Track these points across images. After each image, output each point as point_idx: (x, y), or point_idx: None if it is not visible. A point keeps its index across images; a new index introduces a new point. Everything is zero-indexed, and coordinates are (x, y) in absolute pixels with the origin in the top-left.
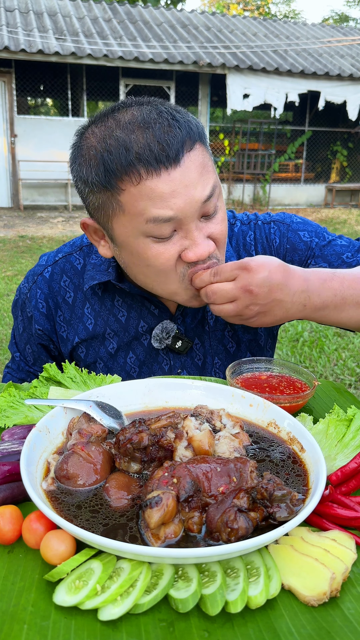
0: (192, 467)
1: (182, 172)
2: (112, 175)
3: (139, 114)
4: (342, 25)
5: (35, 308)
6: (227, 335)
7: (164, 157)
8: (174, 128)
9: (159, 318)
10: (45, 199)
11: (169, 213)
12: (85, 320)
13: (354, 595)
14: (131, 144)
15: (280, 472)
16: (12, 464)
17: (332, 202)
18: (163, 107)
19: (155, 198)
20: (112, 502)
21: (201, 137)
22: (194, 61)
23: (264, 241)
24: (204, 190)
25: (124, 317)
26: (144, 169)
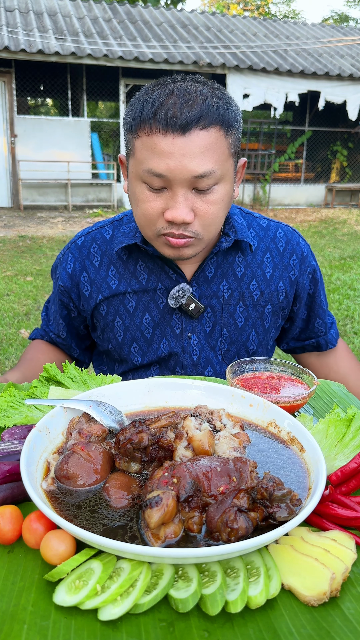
0: (192, 467)
1: (184, 141)
2: (136, 121)
3: (183, 86)
4: (342, 25)
5: (64, 269)
6: (238, 311)
7: (173, 123)
8: (197, 105)
9: (175, 282)
10: (45, 199)
11: (160, 169)
12: (109, 280)
13: (354, 595)
14: (156, 103)
15: (280, 472)
16: (12, 464)
17: (332, 202)
18: (209, 89)
19: (155, 152)
20: (112, 502)
21: (225, 125)
22: (194, 61)
23: (294, 245)
24: (198, 166)
25: (144, 279)
26: (155, 125)
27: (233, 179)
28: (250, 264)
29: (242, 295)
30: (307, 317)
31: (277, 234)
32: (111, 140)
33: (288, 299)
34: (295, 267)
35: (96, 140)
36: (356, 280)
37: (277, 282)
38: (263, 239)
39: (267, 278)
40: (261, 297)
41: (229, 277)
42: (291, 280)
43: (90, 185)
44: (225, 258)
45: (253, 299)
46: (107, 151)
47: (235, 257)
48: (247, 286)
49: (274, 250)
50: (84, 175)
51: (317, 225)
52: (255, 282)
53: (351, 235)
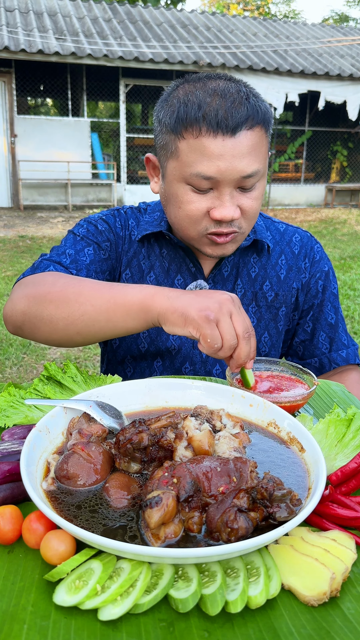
0: (192, 467)
1: (234, 142)
2: (181, 122)
3: (223, 86)
4: (342, 25)
5: (112, 223)
6: (250, 311)
7: (224, 124)
8: (243, 106)
9: (194, 276)
10: (45, 199)
11: (210, 172)
12: (140, 257)
13: (354, 595)
14: (204, 105)
15: (280, 472)
16: (12, 464)
17: (332, 202)
18: (243, 87)
19: (204, 155)
20: (112, 502)
21: (265, 123)
22: (194, 61)
23: (308, 249)
24: (247, 166)
25: (166, 265)
26: (205, 127)
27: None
28: (265, 266)
29: (255, 295)
30: (312, 329)
31: (294, 238)
32: (111, 140)
33: (298, 302)
34: (307, 270)
35: (96, 140)
36: (356, 280)
37: (291, 283)
38: (279, 242)
39: (281, 279)
40: (276, 299)
41: (243, 276)
42: (302, 284)
43: (90, 185)
44: (242, 258)
45: (267, 300)
46: (107, 151)
47: (251, 258)
48: (261, 287)
49: (288, 253)
50: (84, 175)
51: (317, 225)
52: (268, 283)
53: (351, 235)
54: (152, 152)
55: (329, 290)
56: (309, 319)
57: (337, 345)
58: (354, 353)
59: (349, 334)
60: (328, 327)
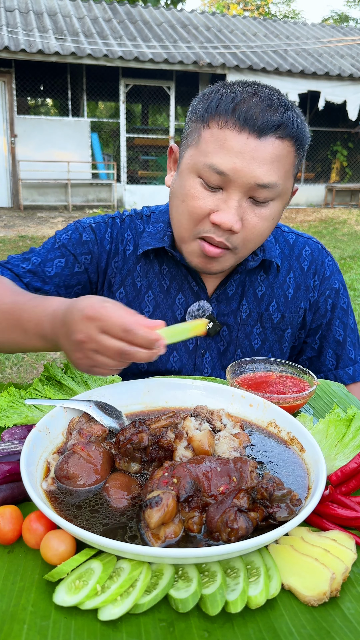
0: (192, 467)
1: (257, 144)
2: (209, 111)
3: (266, 91)
4: (342, 25)
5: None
6: (255, 332)
7: (251, 122)
8: (279, 113)
9: (196, 295)
10: (45, 199)
11: (224, 167)
12: (135, 275)
13: (354, 595)
14: (238, 98)
15: (280, 472)
16: (12, 464)
17: (332, 202)
18: (286, 99)
19: (223, 147)
20: (112, 502)
21: (298, 142)
22: (194, 61)
23: (318, 264)
24: (265, 174)
25: (166, 284)
26: (232, 120)
27: (287, 201)
28: (272, 284)
29: (261, 316)
30: (319, 347)
31: (303, 252)
32: (111, 140)
33: (305, 321)
34: (316, 288)
35: (96, 140)
36: (356, 280)
37: (298, 303)
38: (288, 257)
39: (289, 299)
40: (282, 321)
41: (249, 296)
42: (310, 303)
43: (90, 185)
44: (248, 276)
45: (272, 321)
46: (107, 151)
47: (258, 276)
48: (267, 307)
49: (297, 270)
50: (84, 175)
51: (317, 225)
52: (275, 304)
53: (351, 235)
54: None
55: (338, 307)
56: (317, 338)
57: (343, 362)
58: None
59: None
60: (335, 344)
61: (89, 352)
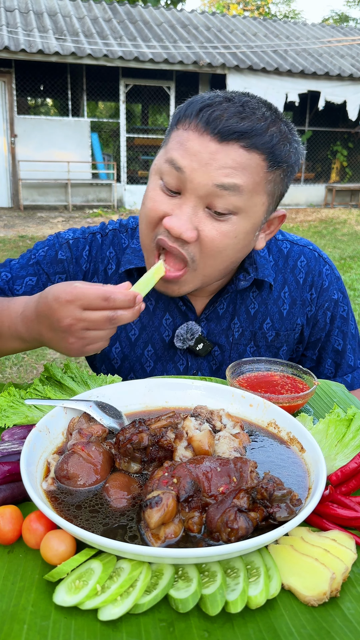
0: (192, 467)
1: (218, 149)
2: (180, 114)
3: (247, 99)
4: (342, 25)
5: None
6: (248, 351)
7: (213, 125)
8: (248, 121)
9: (184, 315)
10: (45, 199)
11: (181, 162)
12: None
13: (354, 595)
14: (207, 102)
15: (280, 472)
16: (12, 464)
17: (332, 202)
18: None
19: (183, 147)
20: (112, 502)
21: (272, 158)
22: (194, 61)
23: (315, 276)
24: (223, 177)
25: (152, 305)
26: (195, 122)
27: (259, 221)
28: (265, 300)
29: (254, 335)
30: (318, 357)
31: (299, 263)
32: (111, 140)
33: (303, 336)
34: (313, 302)
35: (96, 140)
36: (356, 280)
37: (294, 319)
38: (282, 270)
39: (284, 316)
40: (276, 339)
41: (241, 314)
42: (307, 317)
43: (90, 185)
44: (240, 293)
45: (266, 339)
46: (107, 151)
47: (250, 292)
48: (260, 325)
49: (292, 284)
50: (84, 175)
51: (317, 225)
52: (269, 321)
53: (351, 235)
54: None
55: (337, 317)
56: (316, 350)
57: (342, 370)
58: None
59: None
60: (334, 354)
61: (80, 332)
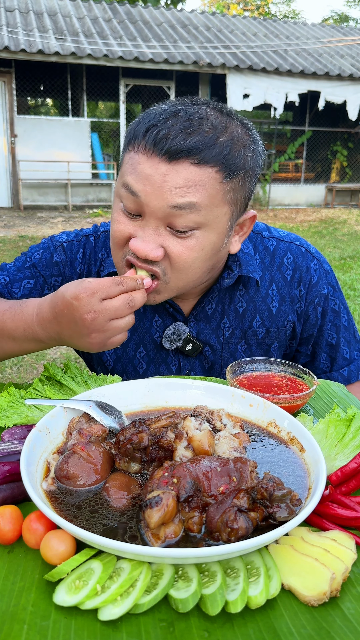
0: (192, 467)
1: (168, 169)
2: (130, 135)
3: (194, 110)
4: (342, 25)
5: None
6: (239, 350)
7: (161, 146)
8: (196, 136)
9: (172, 317)
10: (45, 199)
11: (136, 188)
12: None
13: (354, 595)
14: (153, 120)
15: (280, 472)
16: (12, 464)
17: (332, 202)
18: (224, 120)
19: (135, 169)
20: (112, 502)
21: (226, 168)
22: (194, 61)
23: (302, 272)
24: (177, 198)
25: (141, 309)
26: (143, 143)
27: (225, 229)
28: (253, 298)
29: (245, 333)
30: (312, 353)
31: (285, 260)
32: (111, 140)
33: (295, 332)
34: (302, 298)
35: (96, 140)
36: (356, 280)
37: (285, 317)
38: (269, 268)
39: (273, 313)
40: (267, 336)
41: (230, 313)
42: (298, 314)
43: (90, 185)
44: (227, 292)
45: (257, 337)
46: (107, 151)
47: (237, 291)
48: (250, 323)
49: (280, 281)
50: (84, 175)
51: (317, 225)
52: (259, 319)
53: (351, 235)
54: None
55: (328, 312)
56: (310, 345)
57: (338, 363)
58: (356, 368)
59: (356, 342)
60: (328, 348)
61: (104, 323)
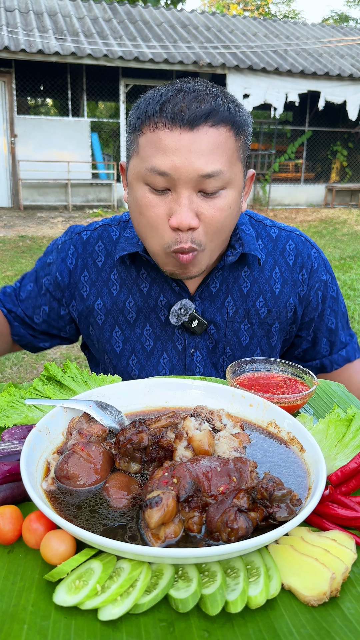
0: (192, 467)
1: (192, 137)
2: (140, 118)
3: (191, 84)
4: (342, 25)
5: (63, 261)
6: (243, 328)
7: (180, 117)
8: (207, 102)
9: (178, 295)
10: (45, 199)
11: (164, 167)
12: (110, 285)
13: (354, 595)
14: (163, 98)
15: (280, 472)
16: (12, 464)
17: (332, 202)
18: (215, 88)
19: (159, 149)
20: (112, 502)
21: (235, 126)
22: (194, 61)
23: (304, 258)
24: (206, 164)
25: (146, 288)
26: (161, 120)
27: (241, 187)
28: (257, 280)
29: (248, 312)
30: (313, 338)
31: (287, 246)
32: (111, 140)
33: (296, 315)
34: (304, 282)
35: (96, 140)
36: (356, 280)
37: (287, 299)
38: (272, 252)
39: (276, 295)
40: (268, 315)
41: (234, 293)
42: (300, 297)
43: (90, 185)
44: (231, 272)
45: (259, 317)
46: (107, 151)
47: (241, 272)
48: (253, 303)
49: (282, 265)
50: (84, 175)
51: (317, 225)
52: (262, 299)
53: (351, 235)
54: None
55: (328, 297)
56: (311, 330)
57: (336, 347)
58: (353, 349)
59: (348, 328)
60: (328, 332)
61: None
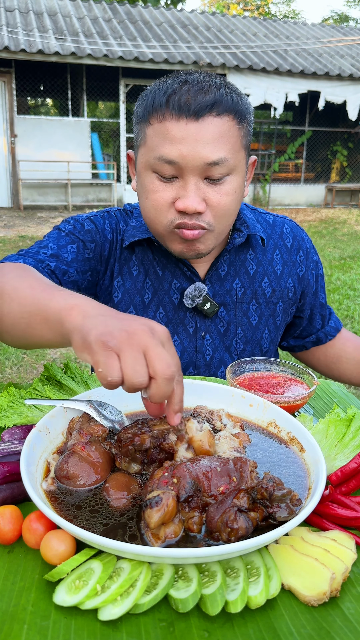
0: (192, 467)
1: (197, 127)
2: (147, 109)
3: (195, 76)
4: (342, 25)
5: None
6: (251, 309)
7: (186, 108)
8: (211, 93)
9: (189, 280)
10: (45, 199)
11: (172, 155)
12: (131, 265)
13: (354, 595)
14: (170, 90)
15: (280, 472)
16: (12, 464)
17: (332, 202)
18: (217, 79)
19: (167, 138)
20: (112, 502)
21: (238, 115)
22: (194, 61)
23: (300, 240)
24: (212, 152)
25: (160, 271)
26: (168, 111)
27: (244, 172)
28: (261, 262)
29: (255, 293)
30: (310, 315)
31: (284, 230)
32: (111, 140)
33: (296, 295)
34: (302, 263)
35: (96, 140)
36: (356, 280)
37: (287, 279)
38: (271, 236)
39: (278, 275)
40: (273, 295)
41: (242, 275)
42: (299, 277)
43: (90, 185)
44: (238, 255)
45: (265, 296)
46: (107, 151)
47: (247, 255)
48: (260, 284)
49: (282, 247)
50: (84, 175)
51: (317, 225)
52: (267, 280)
53: (351, 235)
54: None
55: (319, 277)
56: (307, 308)
57: (326, 318)
58: (336, 317)
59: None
60: (321, 307)
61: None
